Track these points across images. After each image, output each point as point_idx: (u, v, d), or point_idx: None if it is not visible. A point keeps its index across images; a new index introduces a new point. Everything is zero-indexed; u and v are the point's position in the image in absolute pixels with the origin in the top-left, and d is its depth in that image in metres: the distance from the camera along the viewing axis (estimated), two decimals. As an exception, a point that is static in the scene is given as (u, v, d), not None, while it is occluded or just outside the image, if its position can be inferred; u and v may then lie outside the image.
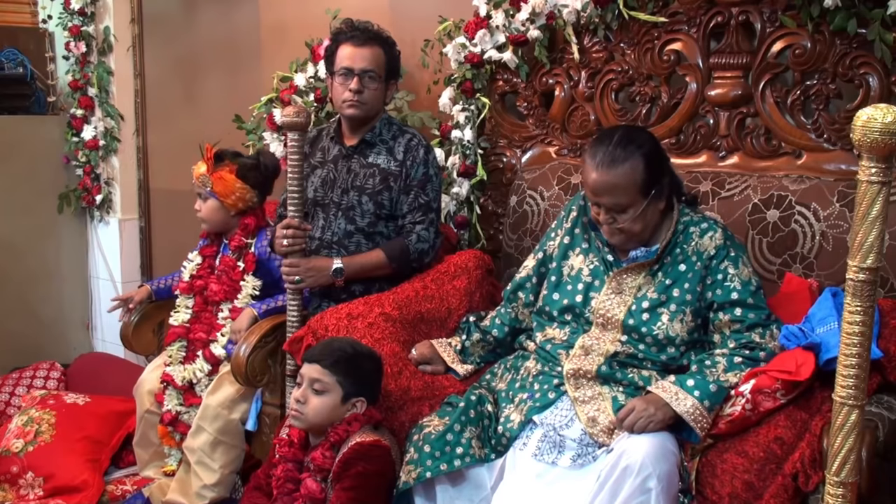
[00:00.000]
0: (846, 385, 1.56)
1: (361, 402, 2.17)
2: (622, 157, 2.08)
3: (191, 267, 2.94)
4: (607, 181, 2.08)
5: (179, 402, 2.83)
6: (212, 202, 2.86)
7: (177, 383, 2.82)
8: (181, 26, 4.10)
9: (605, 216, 2.13)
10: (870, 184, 1.48)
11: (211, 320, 2.86)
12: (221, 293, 2.83)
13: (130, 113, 4.29)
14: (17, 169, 4.14)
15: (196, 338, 2.86)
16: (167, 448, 2.91)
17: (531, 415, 2.11)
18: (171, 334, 2.91)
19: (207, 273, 2.91)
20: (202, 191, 2.87)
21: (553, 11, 2.82)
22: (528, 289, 2.42)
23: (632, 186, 2.08)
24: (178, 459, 2.87)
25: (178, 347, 2.88)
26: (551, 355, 2.20)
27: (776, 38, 2.49)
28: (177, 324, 2.91)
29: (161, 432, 2.89)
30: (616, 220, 2.12)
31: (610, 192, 2.09)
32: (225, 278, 2.84)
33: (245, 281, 2.82)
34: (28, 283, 4.22)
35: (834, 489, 1.59)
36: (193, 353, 2.85)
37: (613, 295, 2.18)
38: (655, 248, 2.16)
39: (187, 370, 2.82)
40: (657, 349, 2.12)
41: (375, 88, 2.68)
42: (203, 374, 2.80)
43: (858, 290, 1.53)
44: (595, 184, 2.10)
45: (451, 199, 3.09)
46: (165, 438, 2.89)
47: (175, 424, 2.83)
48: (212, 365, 2.80)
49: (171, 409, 2.83)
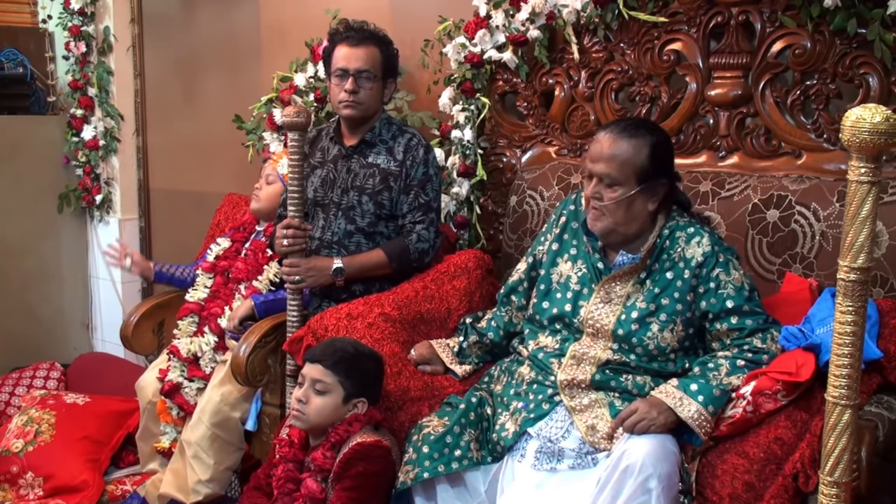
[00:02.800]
0: (838, 385, 1.56)
1: (362, 402, 2.18)
2: (632, 133, 2.10)
3: (217, 249, 3.00)
4: (609, 149, 2.09)
5: (182, 374, 2.84)
6: (277, 187, 2.94)
7: (182, 355, 2.84)
8: (181, 26, 4.10)
9: (593, 188, 2.12)
10: (860, 184, 1.49)
11: (228, 297, 2.89)
12: (245, 272, 2.88)
13: (130, 113, 4.29)
14: (17, 169, 4.14)
15: (211, 313, 2.90)
16: (163, 424, 2.91)
17: (526, 426, 2.11)
18: (184, 309, 2.96)
19: (234, 255, 2.97)
20: (273, 174, 2.95)
21: (553, 11, 2.82)
22: (520, 292, 2.42)
23: (629, 164, 2.08)
24: (173, 438, 2.87)
25: (189, 322, 2.92)
26: (544, 364, 2.20)
27: (776, 38, 2.49)
28: (192, 300, 2.96)
29: (159, 407, 2.89)
30: (602, 196, 2.11)
31: (607, 161, 2.09)
32: (251, 259, 2.90)
33: (269, 266, 2.86)
34: (28, 283, 4.22)
35: (828, 489, 1.59)
36: (203, 329, 2.88)
37: (602, 304, 2.17)
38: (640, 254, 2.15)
39: (194, 342, 2.86)
40: (648, 359, 2.11)
41: (371, 88, 2.68)
42: (209, 347, 2.82)
43: (850, 289, 1.53)
44: (596, 149, 2.12)
45: (451, 199, 3.09)
46: (163, 414, 2.89)
47: (173, 395, 2.84)
48: (217, 336, 2.82)
49: (173, 380, 2.84)
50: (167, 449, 2.88)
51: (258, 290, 2.84)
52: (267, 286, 2.86)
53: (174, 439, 2.86)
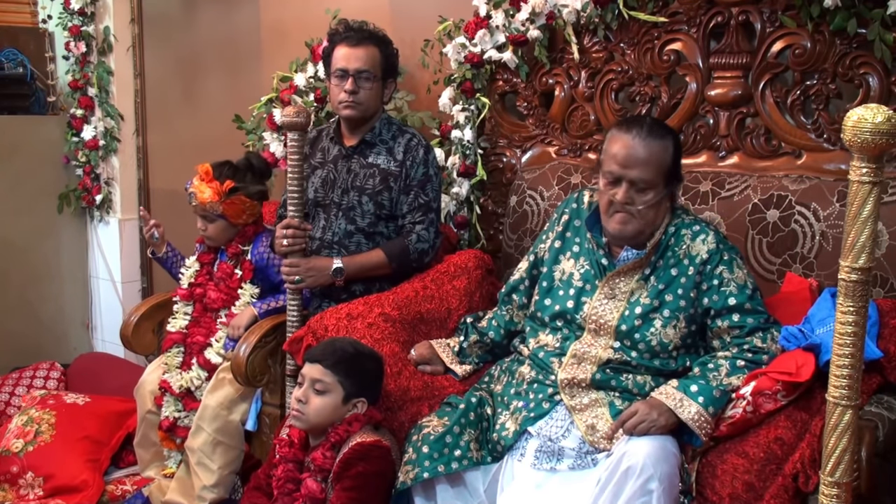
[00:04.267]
0: (839, 385, 1.56)
1: (362, 402, 2.17)
2: (660, 133, 2.09)
3: (189, 274, 2.92)
4: (642, 153, 2.06)
5: (178, 409, 2.82)
6: (220, 223, 2.82)
7: (174, 391, 2.81)
8: (181, 26, 4.10)
9: (624, 195, 2.08)
10: (861, 184, 1.49)
11: (210, 325, 2.85)
12: (220, 301, 2.83)
13: (130, 113, 4.29)
14: (17, 169, 4.14)
15: (194, 341, 2.85)
16: (167, 451, 2.91)
17: (526, 425, 2.11)
18: (168, 340, 2.90)
19: (206, 280, 2.89)
20: (208, 214, 2.80)
21: (553, 11, 2.82)
22: (521, 291, 2.42)
23: (661, 165, 2.08)
24: (178, 461, 2.86)
25: (175, 353, 2.87)
26: (544, 363, 2.20)
27: (776, 38, 2.49)
28: (174, 330, 2.90)
29: (161, 436, 2.89)
30: (635, 201, 2.08)
31: (642, 165, 2.06)
32: (223, 286, 2.84)
33: (243, 289, 2.81)
34: (28, 283, 4.22)
35: (829, 489, 1.59)
36: (190, 358, 2.84)
37: (606, 300, 2.17)
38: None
39: (184, 378, 2.81)
40: (650, 356, 2.11)
41: (371, 88, 2.68)
42: (200, 381, 2.79)
43: (851, 290, 1.53)
44: (628, 155, 2.07)
45: (451, 199, 3.09)
46: (165, 442, 2.89)
47: (173, 430, 2.83)
48: (208, 371, 2.80)
49: (169, 416, 2.82)
50: (174, 474, 2.86)
51: (236, 315, 2.78)
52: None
53: (180, 461, 2.85)
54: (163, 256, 3.05)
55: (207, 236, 2.86)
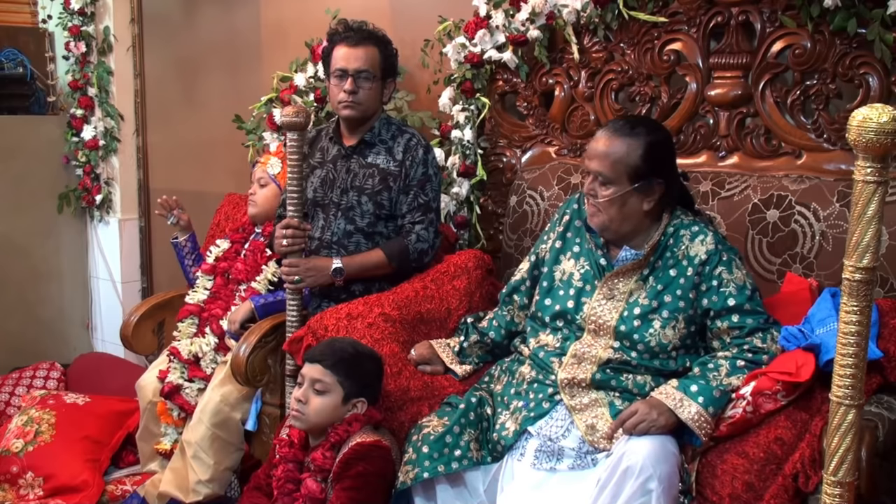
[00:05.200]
0: (843, 385, 1.56)
1: (362, 402, 2.17)
2: (626, 133, 2.11)
3: (217, 251, 3.01)
4: (602, 147, 2.11)
5: (182, 375, 2.84)
6: (271, 188, 2.94)
7: (182, 356, 2.84)
8: (181, 26, 4.10)
9: (589, 185, 2.15)
10: (866, 183, 1.49)
11: (229, 298, 2.90)
12: (244, 272, 2.89)
13: (130, 113, 4.29)
14: (17, 169, 4.14)
15: (212, 314, 2.90)
16: (164, 426, 2.91)
17: (526, 425, 2.11)
18: (184, 311, 2.97)
19: (233, 256, 2.98)
20: (264, 176, 2.95)
21: (553, 11, 2.82)
22: (522, 291, 2.42)
23: (621, 164, 2.09)
24: (174, 440, 2.87)
25: (189, 324, 2.93)
26: (544, 363, 2.20)
27: (776, 38, 2.49)
28: (192, 302, 2.97)
29: (160, 408, 2.89)
30: (597, 193, 2.13)
31: (600, 159, 2.11)
32: (251, 259, 2.91)
33: (267, 266, 2.88)
34: (28, 283, 4.23)
35: (831, 489, 1.59)
36: (204, 330, 2.89)
37: (605, 300, 2.17)
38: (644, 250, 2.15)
39: (194, 343, 2.86)
40: (649, 356, 2.11)
41: (371, 88, 2.68)
42: (209, 347, 2.82)
43: (855, 289, 1.53)
44: (592, 147, 2.15)
45: (451, 199, 3.09)
46: (164, 415, 2.89)
47: (174, 396, 2.84)
48: (218, 337, 2.82)
49: (173, 381, 2.84)
50: (168, 450, 2.88)
51: (257, 290, 2.84)
52: (266, 286, 2.87)
53: (175, 440, 2.86)
54: (181, 243, 3.12)
55: (255, 203, 2.98)
